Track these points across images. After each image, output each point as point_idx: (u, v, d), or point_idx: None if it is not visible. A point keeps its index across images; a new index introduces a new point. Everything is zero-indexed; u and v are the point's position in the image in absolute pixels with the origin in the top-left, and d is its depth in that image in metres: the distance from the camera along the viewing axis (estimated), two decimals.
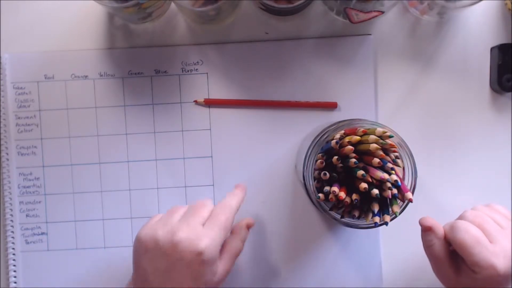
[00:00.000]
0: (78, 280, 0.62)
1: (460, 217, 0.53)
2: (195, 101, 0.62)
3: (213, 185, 0.63)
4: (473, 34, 0.63)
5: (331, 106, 0.62)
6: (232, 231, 0.56)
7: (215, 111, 0.63)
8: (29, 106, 0.62)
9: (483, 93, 0.63)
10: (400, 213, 0.52)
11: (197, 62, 0.63)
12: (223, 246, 0.53)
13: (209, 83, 0.63)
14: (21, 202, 0.62)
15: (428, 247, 0.53)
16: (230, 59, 0.62)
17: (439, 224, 0.53)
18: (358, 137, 0.52)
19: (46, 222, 0.63)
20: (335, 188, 0.51)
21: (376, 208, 0.52)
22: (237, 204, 0.54)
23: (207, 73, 0.63)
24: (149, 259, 0.50)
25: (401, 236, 0.62)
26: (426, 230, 0.53)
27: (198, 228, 0.50)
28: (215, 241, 0.50)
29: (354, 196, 0.51)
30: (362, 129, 0.52)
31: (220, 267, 0.51)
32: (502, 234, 0.50)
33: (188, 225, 0.50)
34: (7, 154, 0.62)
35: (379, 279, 0.63)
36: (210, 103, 0.62)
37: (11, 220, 0.62)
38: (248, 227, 0.57)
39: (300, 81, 0.62)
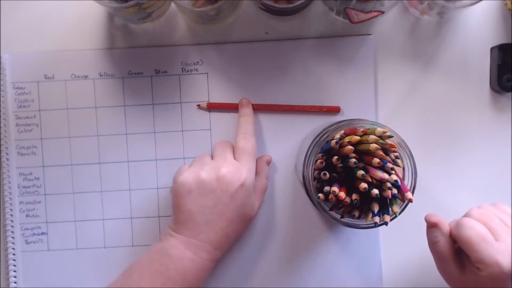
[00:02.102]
0: (78, 280, 0.62)
1: (466, 215, 0.53)
2: (198, 106, 0.62)
3: None
4: (473, 34, 0.63)
5: (334, 111, 0.62)
6: (256, 171, 0.59)
7: (216, 112, 0.63)
8: (29, 106, 0.62)
9: (483, 93, 0.63)
10: (400, 213, 0.52)
11: (197, 62, 0.63)
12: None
13: (209, 83, 0.63)
14: (21, 202, 0.62)
15: (433, 243, 0.53)
16: (230, 59, 0.62)
17: (445, 221, 0.53)
18: (358, 137, 0.52)
19: (46, 222, 0.63)
20: (335, 188, 0.51)
21: (376, 208, 0.52)
22: (253, 126, 0.60)
23: (207, 73, 0.63)
24: (194, 199, 0.54)
25: (401, 236, 0.62)
26: (432, 227, 0.53)
27: (235, 162, 0.56)
28: (251, 170, 0.56)
29: (354, 196, 0.51)
30: (362, 129, 0.52)
31: (255, 202, 0.57)
32: (508, 232, 0.50)
33: (225, 161, 0.56)
34: (7, 154, 0.62)
35: (379, 279, 0.63)
36: (212, 107, 0.62)
37: (11, 220, 0.62)
38: (268, 163, 0.61)
39: (300, 81, 0.62)
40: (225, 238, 0.55)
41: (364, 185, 0.50)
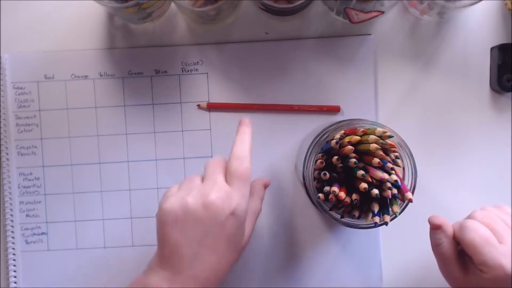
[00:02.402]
0: (78, 280, 0.62)
1: (469, 217, 0.53)
2: (198, 106, 0.62)
3: None
4: (473, 34, 0.63)
5: (334, 110, 0.62)
6: (250, 192, 0.53)
7: (216, 112, 0.63)
8: (29, 106, 0.62)
9: (483, 93, 0.63)
10: (400, 213, 0.52)
11: (197, 62, 0.63)
12: None
13: (209, 83, 0.63)
14: (21, 202, 0.62)
15: (436, 245, 0.53)
16: (230, 59, 0.62)
17: (449, 223, 0.53)
18: (358, 137, 0.52)
19: (46, 222, 0.63)
20: (335, 188, 0.51)
21: (376, 208, 0.52)
22: (250, 147, 0.52)
23: (207, 73, 0.63)
24: (181, 229, 0.48)
25: (401, 236, 0.62)
26: (436, 229, 0.53)
27: (226, 186, 0.49)
28: (244, 196, 0.49)
29: (354, 196, 0.51)
30: (362, 129, 0.52)
31: (247, 229, 0.51)
32: (511, 234, 0.50)
33: (215, 185, 0.49)
34: (7, 154, 0.62)
35: (379, 279, 0.63)
36: (212, 107, 0.62)
37: (11, 220, 0.62)
38: (265, 186, 0.56)
39: (300, 81, 0.62)
40: (214, 274, 0.49)
41: (364, 185, 0.50)
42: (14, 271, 0.62)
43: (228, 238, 0.48)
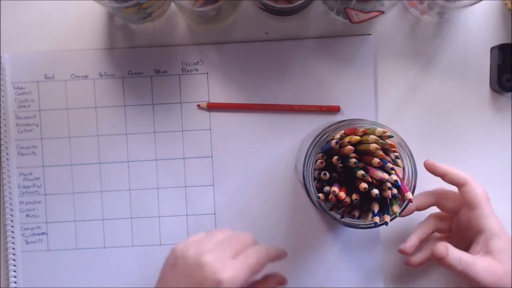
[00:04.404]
0: (78, 280, 0.62)
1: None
2: (198, 106, 0.62)
3: (213, 185, 0.63)
4: (473, 34, 0.63)
5: (334, 110, 0.62)
6: (259, 282, 0.55)
7: (216, 112, 0.63)
8: (29, 106, 0.62)
9: (483, 93, 0.63)
10: (400, 213, 0.52)
11: (197, 62, 0.63)
12: None
13: (209, 83, 0.63)
14: (21, 202, 0.62)
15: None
16: (230, 59, 0.62)
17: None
18: (358, 137, 0.52)
19: (46, 222, 0.63)
20: (335, 188, 0.51)
21: (376, 208, 0.52)
22: (274, 256, 0.54)
23: (207, 73, 0.63)
24: (174, 275, 0.50)
25: (401, 236, 0.62)
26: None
27: (227, 259, 0.50)
28: (238, 277, 0.49)
29: (354, 196, 0.51)
30: (362, 129, 0.52)
31: None
32: None
33: (218, 252, 0.50)
34: (7, 154, 0.62)
35: (379, 279, 0.63)
36: (212, 107, 0.62)
37: (11, 220, 0.62)
38: (280, 284, 0.56)
39: (300, 81, 0.62)
40: None
41: (364, 185, 0.50)
42: (14, 271, 0.62)
43: None
